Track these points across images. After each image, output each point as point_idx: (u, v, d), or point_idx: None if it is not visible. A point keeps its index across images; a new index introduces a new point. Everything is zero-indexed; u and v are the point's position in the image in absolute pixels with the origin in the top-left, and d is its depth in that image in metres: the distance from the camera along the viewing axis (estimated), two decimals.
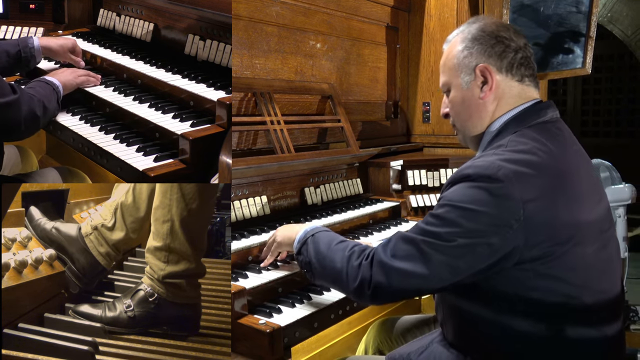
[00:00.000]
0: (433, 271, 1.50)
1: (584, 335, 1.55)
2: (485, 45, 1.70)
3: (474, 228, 1.47)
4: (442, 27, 3.84)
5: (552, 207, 1.48)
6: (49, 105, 2.18)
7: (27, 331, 1.88)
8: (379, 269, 1.56)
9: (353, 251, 1.67)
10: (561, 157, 1.58)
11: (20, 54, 2.44)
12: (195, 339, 2.02)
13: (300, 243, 1.88)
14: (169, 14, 2.68)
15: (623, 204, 3.70)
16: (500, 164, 1.49)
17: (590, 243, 1.54)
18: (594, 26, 3.25)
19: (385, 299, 1.61)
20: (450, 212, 1.51)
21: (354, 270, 1.62)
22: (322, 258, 1.75)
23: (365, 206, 2.94)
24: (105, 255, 2.21)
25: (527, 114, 1.67)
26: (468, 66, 1.72)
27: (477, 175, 1.50)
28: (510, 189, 1.46)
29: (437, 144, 3.88)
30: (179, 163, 2.11)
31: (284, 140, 2.67)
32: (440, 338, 1.82)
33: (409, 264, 1.52)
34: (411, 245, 1.53)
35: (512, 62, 1.69)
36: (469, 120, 1.76)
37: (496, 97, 1.70)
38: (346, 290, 1.68)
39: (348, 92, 3.43)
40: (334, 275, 1.69)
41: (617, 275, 1.67)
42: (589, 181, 1.64)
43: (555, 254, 1.48)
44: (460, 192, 1.52)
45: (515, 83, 1.70)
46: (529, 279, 1.49)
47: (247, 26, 2.72)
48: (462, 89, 1.75)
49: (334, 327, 2.05)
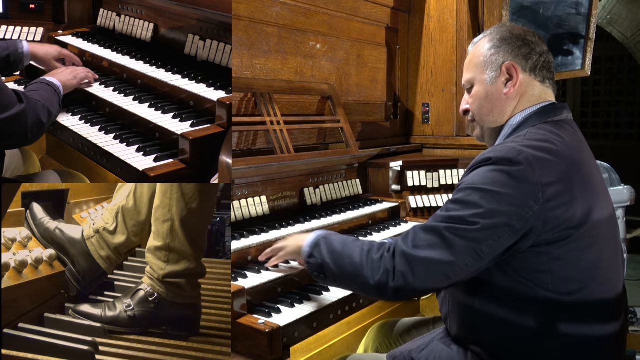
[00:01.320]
0: (457, 257, 1.51)
1: (585, 332, 1.57)
2: (513, 46, 1.77)
3: (495, 209, 1.50)
4: (442, 28, 3.84)
5: (569, 193, 1.53)
6: (53, 109, 2.16)
7: (27, 331, 1.87)
8: (402, 259, 1.55)
9: (372, 245, 1.66)
10: (576, 149, 1.65)
11: (9, 58, 2.44)
12: (195, 339, 2.02)
13: (311, 247, 1.81)
14: (169, 14, 2.68)
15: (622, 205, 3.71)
16: (521, 148, 1.54)
17: (600, 235, 1.58)
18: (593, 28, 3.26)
19: (409, 291, 1.58)
20: (471, 194, 1.54)
21: (375, 262, 1.60)
22: (339, 256, 1.71)
23: (365, 207, 2.94)
24: (106, 259, 2.21)
25: (544, 111, 1.74)
26: (495, 63, 1.79)
27: (497, 159, 1.55)
28: (530, 172, 1.50)
29: (437, 144, 3.88)
30: (179, 163, 2.11)
31: (284, 140, 2.67)
32: (442, 336, 1.83)
33: (432, 252, 1.53)
34: (433, 233, 1.55)
35: (536, 64, 1.77)
36: (490, 114, 1.82)
37: (518, 94, 1.77)
38: (366, 286, 1.63)
39: (348, 92, 3.43)
40: (353, 271, 1.65)
41: (621, 273, 1.72)
42: (599, 178, 1.70)
43: (570, 238, 1.52)
44: (481, 175, 1.56)
45: (538, 83, 1.78)
46: (543, 262, 1.53)
47: (247, 26, 2.73)
48: (486, 84, 1.81)
49: (333, 327, 2.06)
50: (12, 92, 1.95)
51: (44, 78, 2.32)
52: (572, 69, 3.37)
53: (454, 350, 1.75)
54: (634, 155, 8.06)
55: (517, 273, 1.56)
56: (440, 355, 1.77)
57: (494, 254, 1.52)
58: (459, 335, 1.76)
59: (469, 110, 1.89)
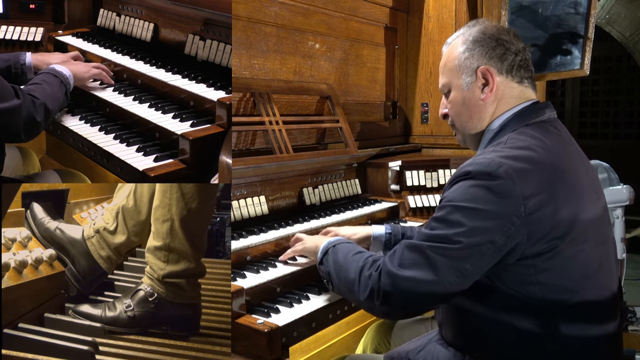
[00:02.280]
0: (440, 276, 1.49)
1: (582, 333, 1.57)
2: (487, 48, 1.73)
3: (477, 226, 1.48)
4: (441, 28, 3.85)
5: (552, 202, 1.50)
6: (53, 106, 2.13)
7: (27, 331, 1.88)
8: (387, 279, 1.55)
9: (366, 262, 1.67)
10: (559, 155, 1.61)
11: (11, 69, 2.38)
12: (195, 339, 2.02)
13: (322, 253, 1.89)
14: (169, 14, 2.68)
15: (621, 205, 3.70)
16: (501, 160, 1.51)
17: (588, 239, 1.56)
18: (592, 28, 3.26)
19: (395, 310, 1.59)
20: (452, 212, 1.52)
21: (365, 280, 1.62)
22: (339, 268, 1.76)
23: (364, 206, 2.95)
24: (106, 258, 2.21)
25: (526, 113, 1.70)
26: (469, 67, 1.74)
27: (477, 173, 1.52)
28: (511, 186, 1.47)
29: (436, 144, 3.89)
30: (179, 163, 2.11)
31: (283, 140, 2.68)
32: (439, 337, 1.83)
33: (416, 271, 1.51)
34: (417, 252, 1.54)
35: (512, 64, 1.72)
36: (470, 120, 1.79)
37: (496, 98, 1.73)
38: (359, 302, 1.66)
39: (347, 92, 3.44)
40: (348, 286, 1.69)
41: (615, 273, 1.70)
42: (587, 179, 1.66)
43: (556, 249, 1.50)
44: (461, 191, 1.54)
45: (515, 84, 1.73)
46: (530, 274, 1.51)
47: (246, 26, 2.73)
48: (462, 89, 1.77)
49: (332, 327, 2.06)
50: (9, 86, 1.93)
51: (53, 67, 2.29)
52: (571, 69, 3.37)
53: (451, 351, 1.75)
54: (633, 155, 8.06)
55: (506, 285, 1.55)
56: (437, 356, 1.77)
57: (479, 272, 1.51)
58: (454, 343, 1.75)
59: (448, 114, 1.87)
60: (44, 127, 2.14)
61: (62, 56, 2.55)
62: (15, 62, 2.40)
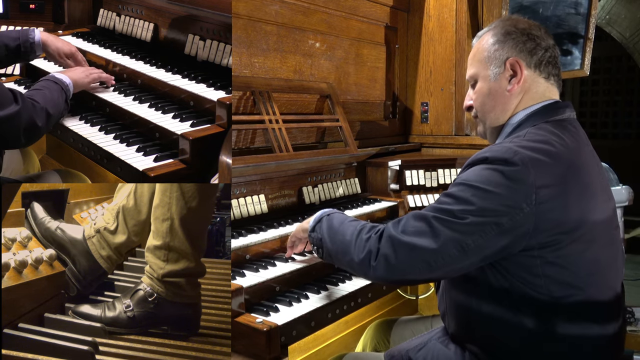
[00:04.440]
0: (441, 246, 1.52)
1: (583, 332, 1.58)
2: (517, 41, 1.75)
3: (485, 207, 1.50)
4: (441, 27, 3.84)
5: (564, 196, 1.52)
6: (54, 111, 2.12)
7: (27, 331, 1.88)
8: (387, 242, 1.59)
9: (364, 226, 1.71)
10: (575, 152, 1.62)
11: (20, 48, 2.39)
12: (195, 339, 2.02)
13: (315, 221, 1.93)
14: (169, 14, 2.68)
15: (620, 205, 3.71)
16: (517, 149, 1.54)
17: (595, 239, 1.58)
18: (592, 28, 3.26)
19: (389, 274, 1.60)
20: (464, 190, 1.55)
21: (362, 242, 1.65)
22: (334, 233, 1.79)
23: (363, 206, 2.95)
24: (106, 258, 2.21)
25: (547, 110, 1.72)
26: (499, 59, 1.76)
27: (493, 158, 1.55)
28: (525, 173, 1.50)
29: (435, 144, 3.89)
30: (179, 163, 2.11)
31: (282, 139, 2.68)
32: (439, 335, 1.84)
33: (417, 238, 1.54)
34: (422, 221, 1.56)
35: (542, 60, 1.74)
36: (492, 111, 1.81)
37: (522, 91, 1.75)
38: (352, 263, 1.69)
39: (347, 91, 3.43)
40: (343, 248, 1.72)
41: (620, 274, 1.72)
42: (599, 180, 1.68)
43: (563, 242, 1.52)
44: (476, 173, 1.56)
45: (542, 80, 1.75)
46: (537, 265, 1.53)
47: (246, 25, 2.73)
48: (489, 80, 1.79)
49: (331, 326, 2.06)
50: (8, 90, 1.92)
51: (53, 75, 2.29)
52: (571, 69, 3.38)
53: (452, 349, 1.76)
54: (632, 155, 8.06)
55: (511, 275, 1.56)
56: (437, 354, 1.78)
57: (479, 251, 1.52)
58: (456, 333, 1.77)
59: (472, 106, 1.88)
60: (45, 132, 2.13)
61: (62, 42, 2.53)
62: (24, 40, 2.40)
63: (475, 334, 1.70)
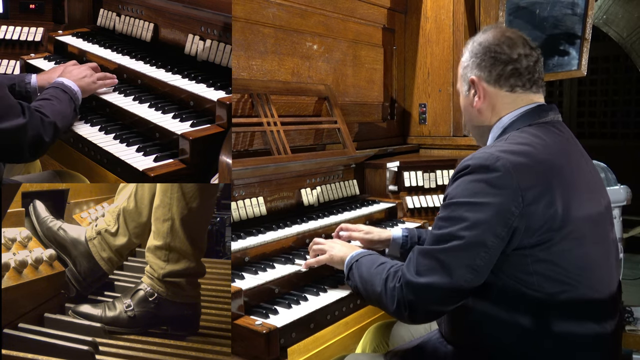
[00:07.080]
0: (455, 277, 1.56)
1: (578, 330, 1.60)
2: (479, 59, 1.82)
3: (479, 218, 1.54)
4: (438, 29, 3.85)
5: (549, 195, 1.56)
6: (63, 123, 2.10)
7: (27, 331, 1.88)
8: (407, 289, 1.63)
9: (389, 274, 1.74)
10: (558, 152, 1.67)
11: (15, 88, 2.33)
12: (195, 339, 2.02)
13: (347, 269, 1.98)
14: (169, 14, 2.69)
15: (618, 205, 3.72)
16: (499, 154, 1.58)
17: (584, 236, 1.61)
18: (589, 28, 3.27)
19: (421, 315, 1.67)
20: (455, 210, 1.59)
21: (390, 292, 1.69)
22: (365, 282, 1.84)
23: (362, 207, 2.95)
24: (107, 260, 2.22)
25: (529, 114, 1.76)
26: (465, 77, 1.87)
27: (475, 167, 1.60)
28: (508, 178, 1.54)
29: (434, 145, 3.90)
30: (179, 163, 2.12)
31: (281, 141, 2.68)
32: (438, 336, 1.85)
33: (432, 277, 1.58)
34: (430, 258, 1.60)
35: (501, 74, 1.79)
36: (470, 122, 1.93)
37: (489, 105, 1.82)
38: (389, 312, 1.74)
39: (344, 93, 3.44)
40: (377, 299, 1.77)
41: (615, 273, 1.73)
42: (588, 179, 1.72)
43: (553, 240, 1.55)
44: (462, 187, 1.61)
45: (505, 93, 1.80)
46: (528, 264, 1.57)
47: (244, 27, 2.73)
48: (464, 96, 1.89)
49: (330, 328, 2.06)
50: (16, 103, 1.88)
51: (61, 81, 2.27)
52: (568, 69, 3.39)
53: (450, 350, 1.77)
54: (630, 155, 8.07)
55: (504, 274, 1.60)
56: (436, 356, 1.79)
57: (489, 265, 1.57)
58: (453, 333, 1.78)
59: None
60: (54, 142, 2.09)
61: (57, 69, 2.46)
62: (20, 82, 2.37)
63: (472, 334, 1.71)
